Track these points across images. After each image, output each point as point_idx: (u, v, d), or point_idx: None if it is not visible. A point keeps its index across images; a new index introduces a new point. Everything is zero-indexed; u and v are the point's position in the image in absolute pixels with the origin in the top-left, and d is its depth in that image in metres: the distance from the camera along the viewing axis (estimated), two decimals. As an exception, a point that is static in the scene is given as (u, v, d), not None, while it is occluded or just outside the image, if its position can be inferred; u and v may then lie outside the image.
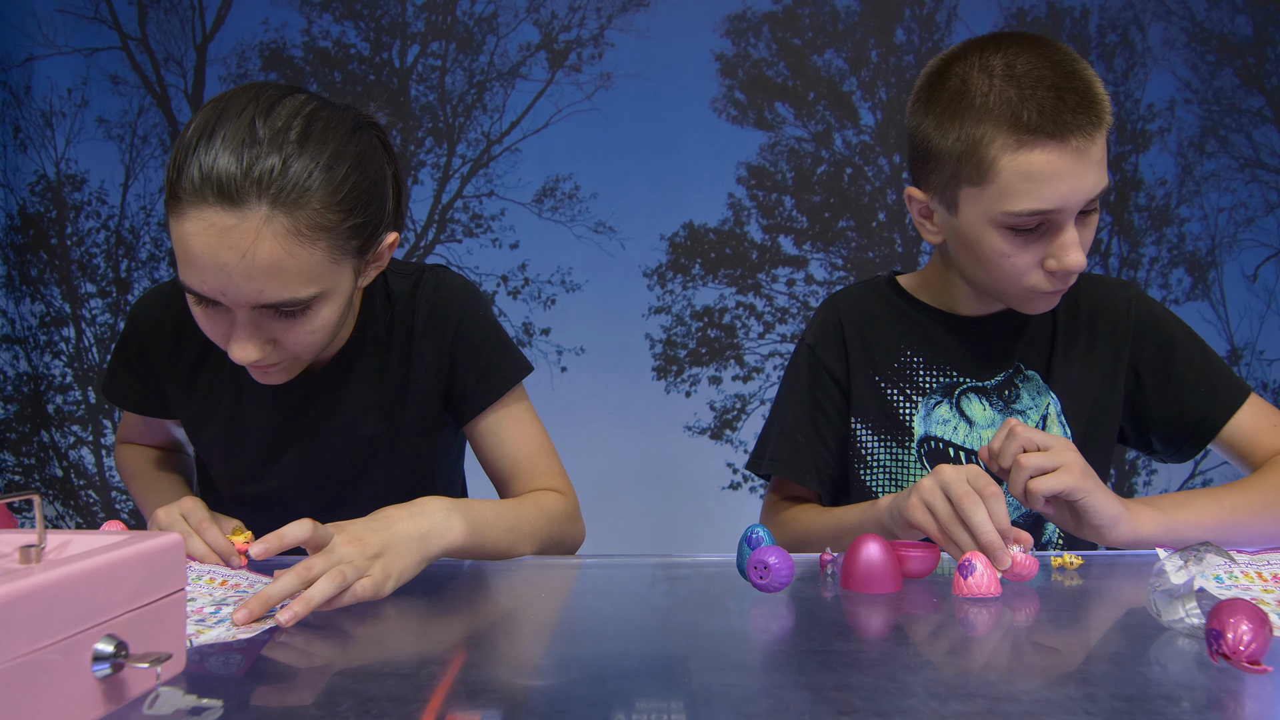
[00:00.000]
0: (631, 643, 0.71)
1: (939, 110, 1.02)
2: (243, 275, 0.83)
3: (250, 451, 1.11)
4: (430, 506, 0.87)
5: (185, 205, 0.82)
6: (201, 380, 1.10)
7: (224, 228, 0.82)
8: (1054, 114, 0.94)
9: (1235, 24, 2.42)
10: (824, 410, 1.17)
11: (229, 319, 0.89)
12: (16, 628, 0.45)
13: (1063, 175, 0.95)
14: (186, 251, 0.84)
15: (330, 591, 0.74)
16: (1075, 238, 0.99)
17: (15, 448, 2.48)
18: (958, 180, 1.02)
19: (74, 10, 2.41)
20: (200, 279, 0.84)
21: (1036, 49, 0.98)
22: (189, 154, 0.82)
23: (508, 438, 1.10)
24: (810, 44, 2.43)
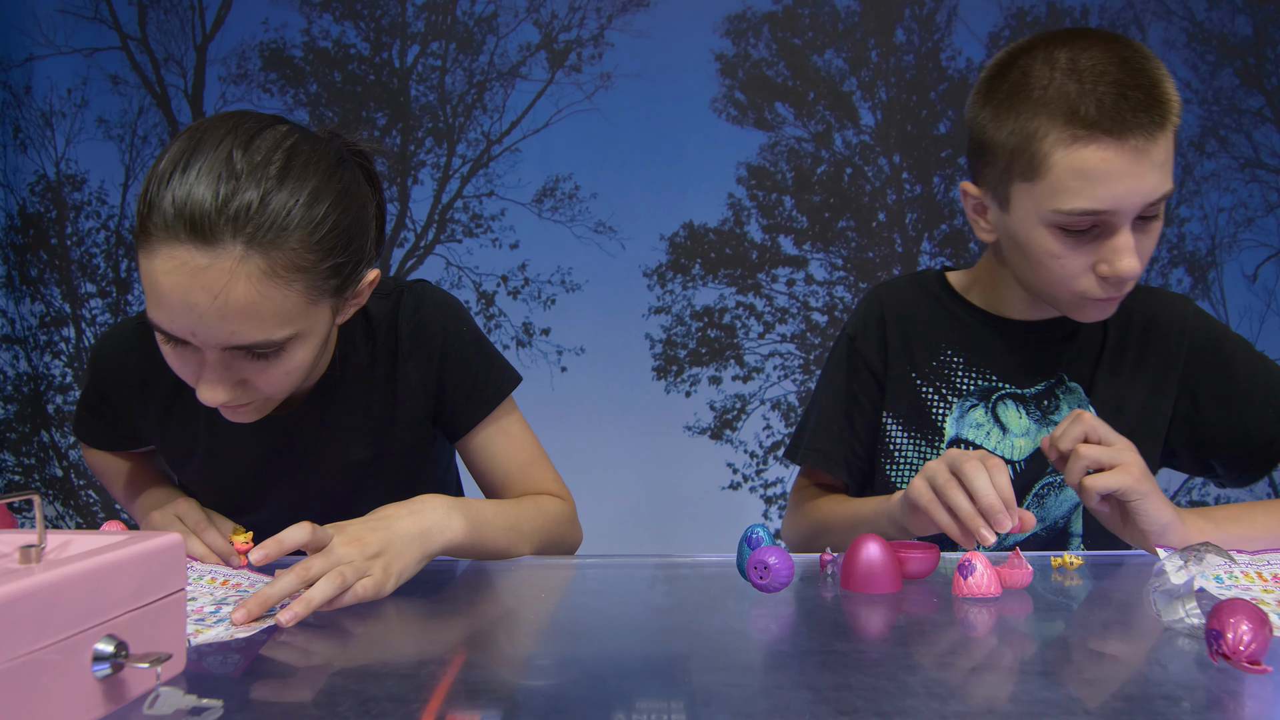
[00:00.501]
0: (631, 643, 0.71)
1: (997, 102, 0.99)
2: (215, 317, 0.79)
3: (233, 486, 1.07)
4: (429, 504, 0.87)
5: (156, 242, 0.77)
6: (175, 418, 1.05)
7: (196, 268, 0.77)
8: (1113, 110, 0.91)
9: (1235, 24, 2.42)
10: (859, 402, 1.16)
11: (198, 359, 0.84)
12: (16, 628, 0.45)
13: (1118, 175, 0.92)
14: (156, 290, 0.79)
15: (330, 592, 0.74)
16: (1130, 242, 0.95)
17: (15, 448, 2.48)
18: (1010, 175, 0.98)
19: (74, 10, 2.41)
20: (170, 319, 0.80)
21: (1106, 44, 0.94)
22: (162, 186, 0.77)
23: (498, 452, 1.08)
24: (810, 44, 2.43)
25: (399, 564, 0.81)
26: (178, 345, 0.84)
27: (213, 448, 1.04)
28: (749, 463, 2.44)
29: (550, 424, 1.16)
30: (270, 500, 1.07)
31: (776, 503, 2.44)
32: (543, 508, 1.04)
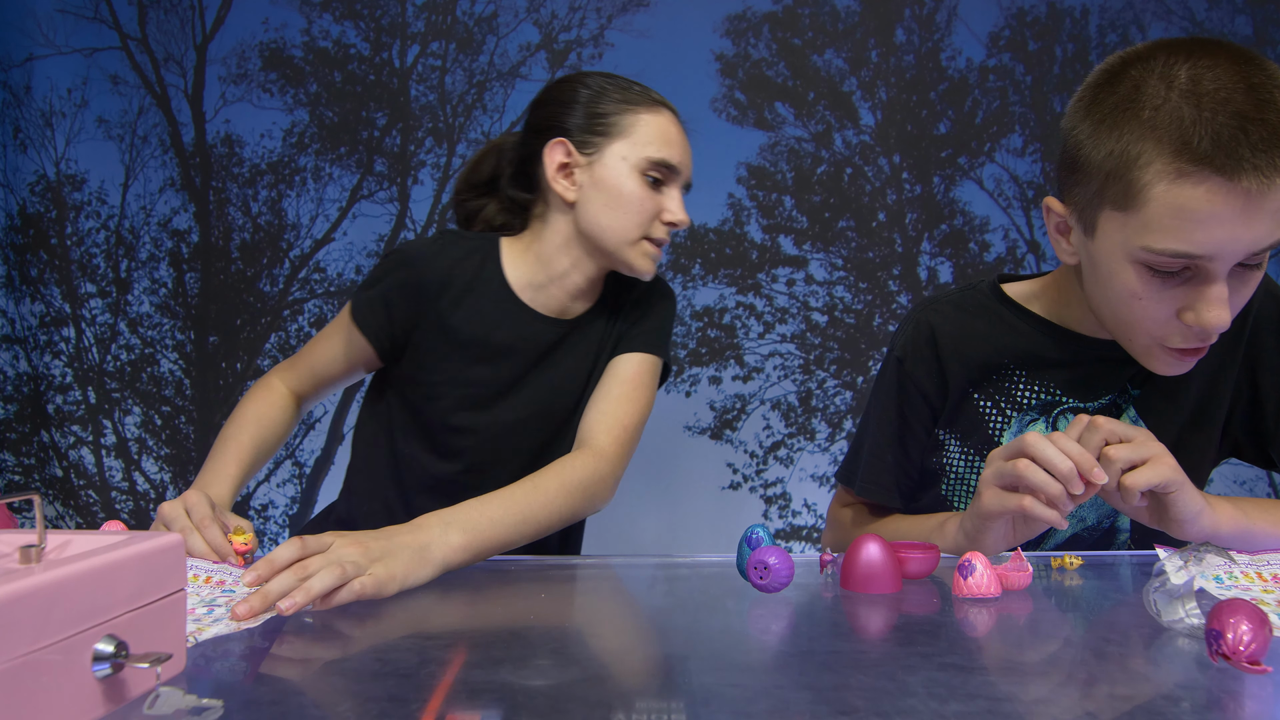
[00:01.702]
0: (631, 643, 0.71)
1: (1099, 115, 0.88)
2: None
3: (491, 383, 1.20)
4: (428, 522, 0.89)
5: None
6: (466, 307, 1.19)
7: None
8: (1230, 145, 0.79)
9: (1235, 24, 2.42)
10: (911, 427, 1.13)
11: (667, 191, 1.17)
12: (16, 628, 0.45)
13: (1223, 219, 0.81)
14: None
15: (331, 582, 0.75)
16: (1223, 294, 0.85)
17: (15, 448, 2.48)
18: (1101, 200, 0.88)
19: (74, 10, 2.41)
20: (672, 153, 1.17)
21: (1235, 65, 0.82)
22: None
23: (614, 388, 1.18)
24: (810, 44, 2.43)
25: (401, 569, 0.81)
26: (653, 184, 1.16)
27: (490, 339, 1.19)
28: (749, 463, 2.44)
29: (550, 424, 1.17)
30: (511, 405, 1.21)
31: (776, 503, 2.44)
32: (568, 484, 1.04)
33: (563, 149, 1.17)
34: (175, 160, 2.44)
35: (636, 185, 1.15)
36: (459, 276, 1.19)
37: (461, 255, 1.20)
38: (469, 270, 1.20)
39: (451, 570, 0.89)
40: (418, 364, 1.22)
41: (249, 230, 2.45)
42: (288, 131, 2.44)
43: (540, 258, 1.21)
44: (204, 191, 2.45)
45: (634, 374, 1.19)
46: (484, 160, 1.30)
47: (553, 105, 1.20)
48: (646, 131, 1.16)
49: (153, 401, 2.45)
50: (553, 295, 1.21)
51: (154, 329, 2.46)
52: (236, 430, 1.19)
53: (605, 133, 1.16)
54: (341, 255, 2.45)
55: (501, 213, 1.28)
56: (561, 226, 1.19)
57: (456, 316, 1.19)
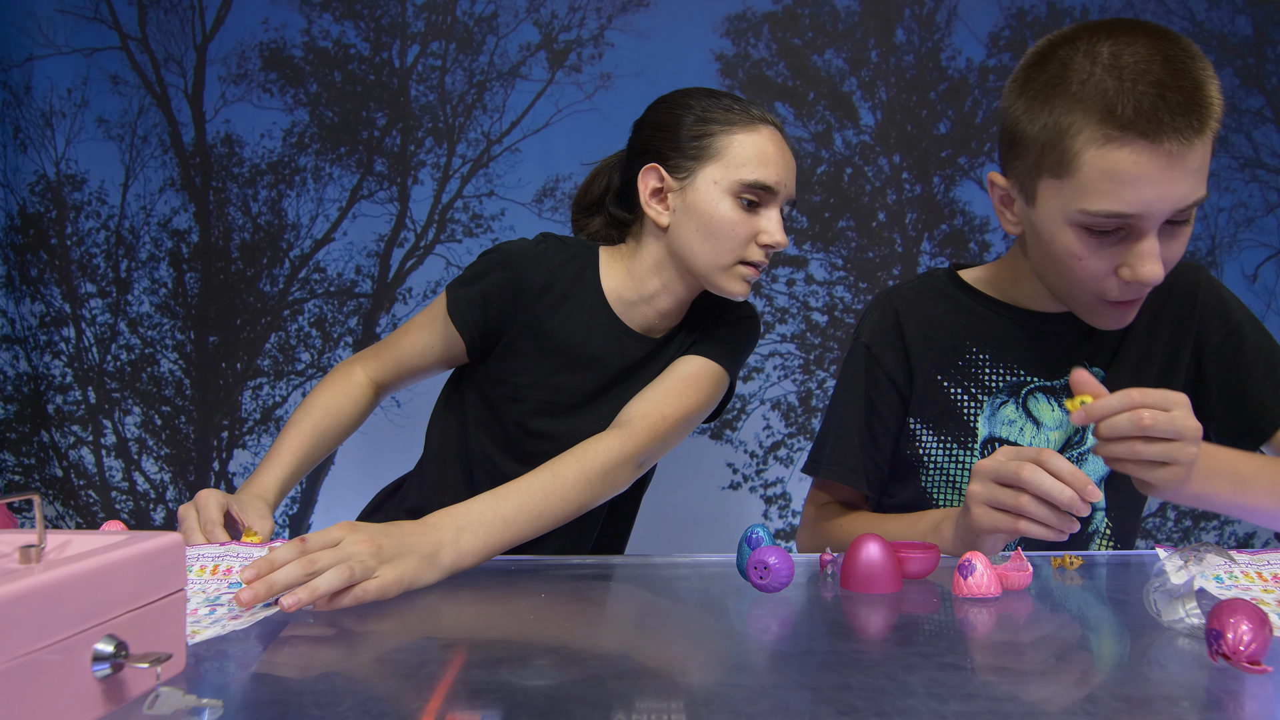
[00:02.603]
0: (631, 643, 0.71)
1: (1032, 93, 0.96)
2: (791, 171, 1.14)
3: (575, 391, 1.21)
4: (442, 524, 0.88)
5: (758, 123, 1.14)
6: (564, 311, 1.19)
7: (779, 138, 1.14)
8: (1151, 111, 0.87)
9: (1235, 24, 2.42)
10: (879, 412, 1.15)
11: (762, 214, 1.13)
12: (16, 628, 0.45)
13: (1149, 179, 0.88)
14: (761, 154, 1.11)
15: (337, 583, 0.74)
16: (1155, 248, 0.92)
17: (15, 448, 2.48)
18: (1039, 170, 0.96)
19: (74, 10, 2.41)
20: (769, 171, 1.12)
21: (1152, 41, 0.90)
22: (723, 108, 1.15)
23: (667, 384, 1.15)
24: (810, 44, 2.43)
25: (408, 573, 0.81)
26: (748, 207, 1.12)
27: (582, 348, 1.20)
28: (749, 463, 2.44)
29: (550, 424, 1.17)
30: (589, 416, 1.20)
31: (776, 503, 2.44)
32: (588, 471, 1.02)
33: (655, 174, 1.16)
34: (175, 160, 2.44)
35: (730, 209, 1.12)
36: (559, 282, 1.19)
37: (563, 261, 1.20)
38: (568, 276, 1.20)
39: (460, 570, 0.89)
40: (505, 364, 1.22)
41: (249, 230, 2.45)
42: (288, 131, 2.44)
43: (634, 275, 1.20)
44: (204, 191, 2.45)
45: (690, 373, 1.17)
46: (595, 180, 1.30)
47: (649, 129, 1.20)
48: (740, 153, 1.12)
49: (153, 401, 2.45)
50: (642, 313, 1.21)
51: (154, 329, 2.46)
52: (302, 417, 1.19)
53: (698, 156, 1.14)
54: (341, 255, 2.45)
55: (606, 228, 1.28)
56: (655, 249, 1.18)
57: (552, 322, 1.19)
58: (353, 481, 2.39)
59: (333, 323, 2.46)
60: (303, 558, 0.75)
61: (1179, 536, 2.43)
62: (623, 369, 1.21)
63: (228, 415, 2.46)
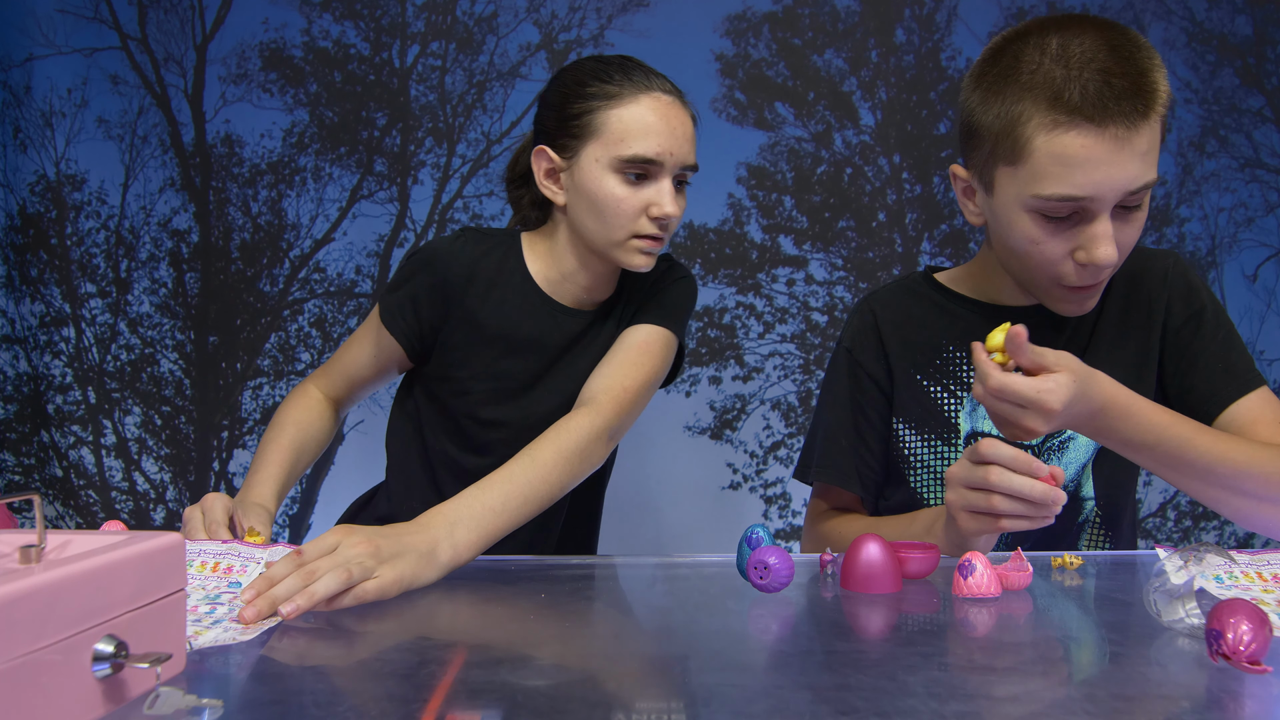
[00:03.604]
0: (631, 643, 0.71)
1: (986, 85, 0.99)
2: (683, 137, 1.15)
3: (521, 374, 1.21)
4: (435, 522, 0.88)
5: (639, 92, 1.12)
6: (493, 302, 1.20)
7: (668, 103, 1.12)
8: (1096, 97, 0.90)
9: (1235, 24, 2.42)
10: (865, 414, 1.16)
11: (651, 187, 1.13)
12: (16, 628, 0.45)
13: (1098, 162, 0.92)
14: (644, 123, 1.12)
15: (335, 586, 0.74)
16: (1108, 230, 0.95)
17: (15, 448, 2.48)
18: (995, 158, 0.99)
19: (74, 10, 2.41)
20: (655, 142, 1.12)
21: (1099, 31, 0.94)
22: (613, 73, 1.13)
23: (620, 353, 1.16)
24: (810, 44, 2.43)
25: (408, 572, 0.81)
26: (634, 181, 1.12)
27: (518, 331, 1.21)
28: (749, 463, 2.44)
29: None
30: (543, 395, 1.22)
31: (776, 503, 2.44)
32: (565, 451, 1.02)
33: (545, 155, 1.17)
34: (175, 160, 2.44)
35: (615, 185, 1.11)
36: (482, 272, 1.21)
37: (484, 251, 1.22)
38: (492, 265, 1.21)
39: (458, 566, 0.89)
40: (446, 361, 1.23)
41: (249, 230, 2.45)
42: (288, 131, 2.44)
43: (553, 254, 1.22)
44: (204, 191, 2.45)
45: (640, 341, 1.18)
46: (519, 157, 1.31)
47: (541, 108, 1.21)
48: (619, 127, 1.10)
49: (153, 401, 2.45)
50: (569, 289, 1.22)
51: (154, 329, 2.46)
52: (276, 434, 1.20)
53: (580, 134, 1.13)
54: (341, 255, 2.45)
55: (533, 205, 1.29)
56: (564, 227, 1.20)
57: (483, 311, 1.21)
58: (352, 481, 2.39)
59: (333, 323, 2.46)
60: (300, 569, 0.75)
61: (1179, 536, 2.43)
62: (564, 345, 1.22)
63: (228, 415, 2.46)
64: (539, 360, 1.22)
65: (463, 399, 1.23)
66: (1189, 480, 0.96)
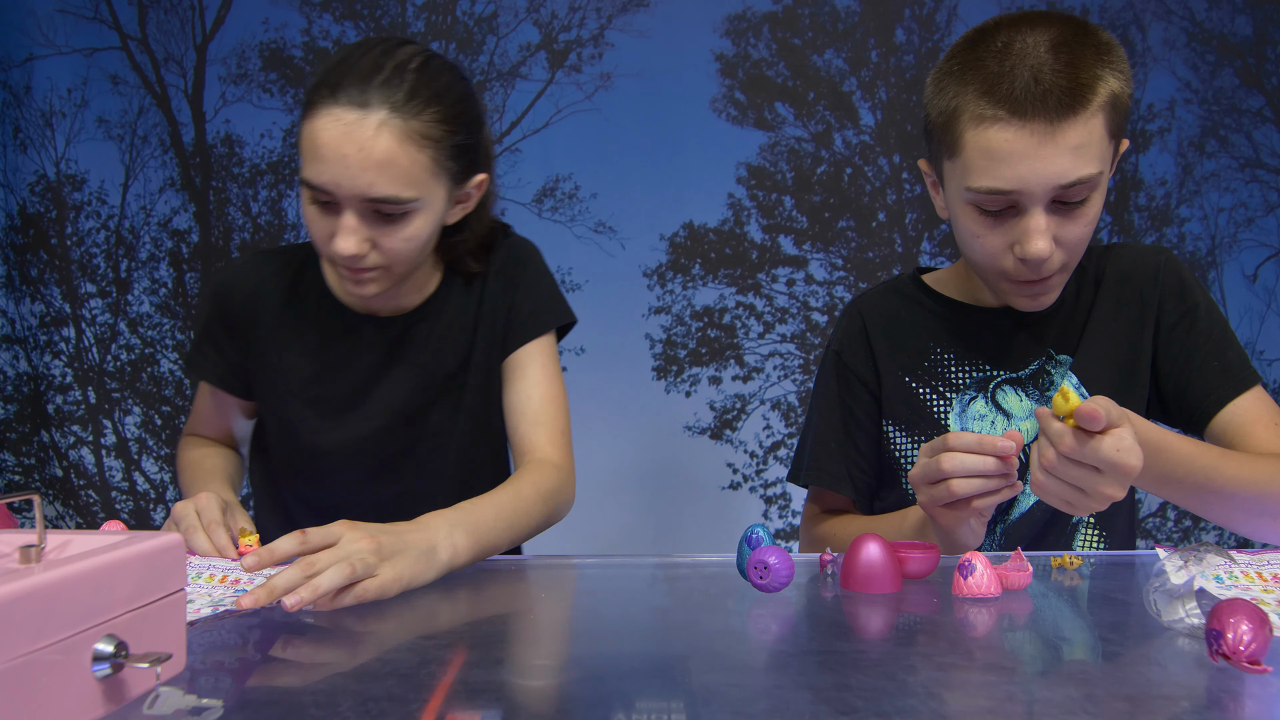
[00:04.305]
0: (631, 643, 0.71)
1: (936, 81, 1.00)
2: (358, 166, 0.95)
3: (336, 396, 1.16)
4: (435, 523, 0.88)
5: (319, 106, 0.96)
6: (285, 331, 1.16)
7: (348, 122, 0.95)
8: (1021, 92, 0.91)
9: (1235, 24, 2.42)
10: (855, 416, 1.16)
11: (337, 217, 0.99)
12: (16, 628, 0.45)
13: (1022, 156, 0.92)
14: (314, 145, 0.96)
15: (338, 580, 0.74)
16: (1040, 224, 0.94)
17: (15, 448, 2.48)
18: (941, 152, 1.01)
19: (74, 10, 2.41)
20: (320, 170, 0.96)
21: (1050, 29, 0.94)
22: (327, 74, 0.97)
23: (528, 379, 1.15)
24: (810, 44, 2.43)
25: (409, 571, 0.81)
26: (321, 206, 1.00)
27: (322, 355, 1.15)
28: (749, 463, 2.44)
29: (550, 424, 1.16)
30: (365, 414, 1.16)
31: (776, 503, 2.44)
32: (542, 491, 1.04)
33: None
34: (175, 160, 2.44)
35: (307, 206, 1.01)
36: (270, 296, 1.15)
37: (271, 273, 1.16)
38: (282, 286, 1.15)
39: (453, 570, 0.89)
40: (263, 393, 1.19)
41: (249, 230, 2.45)
42: (288, 131, 2.44)
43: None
44: (204, 191, 2.45)
45: (540, 368, 1.15)
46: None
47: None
48: (304, 145, 0.99)
49: (153, 401, 2.45)
50: (368, 301, 1.14)
51: (154, 329, 2.46)
52: (193, 468, 1.18)
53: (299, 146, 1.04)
54: (341, 255, 2.46)
55: None
56: None
57: (280, 336, 1.15)
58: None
59: (333, 323, 2.46)
60: (302, 560, 0.75)
61: (1179, 536, 2.43)
62: (378, 358, 1.15)
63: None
64: (353, 378, 1.15)
65: (289, 428, 1.18)
66: (1214, 507, 0.95)
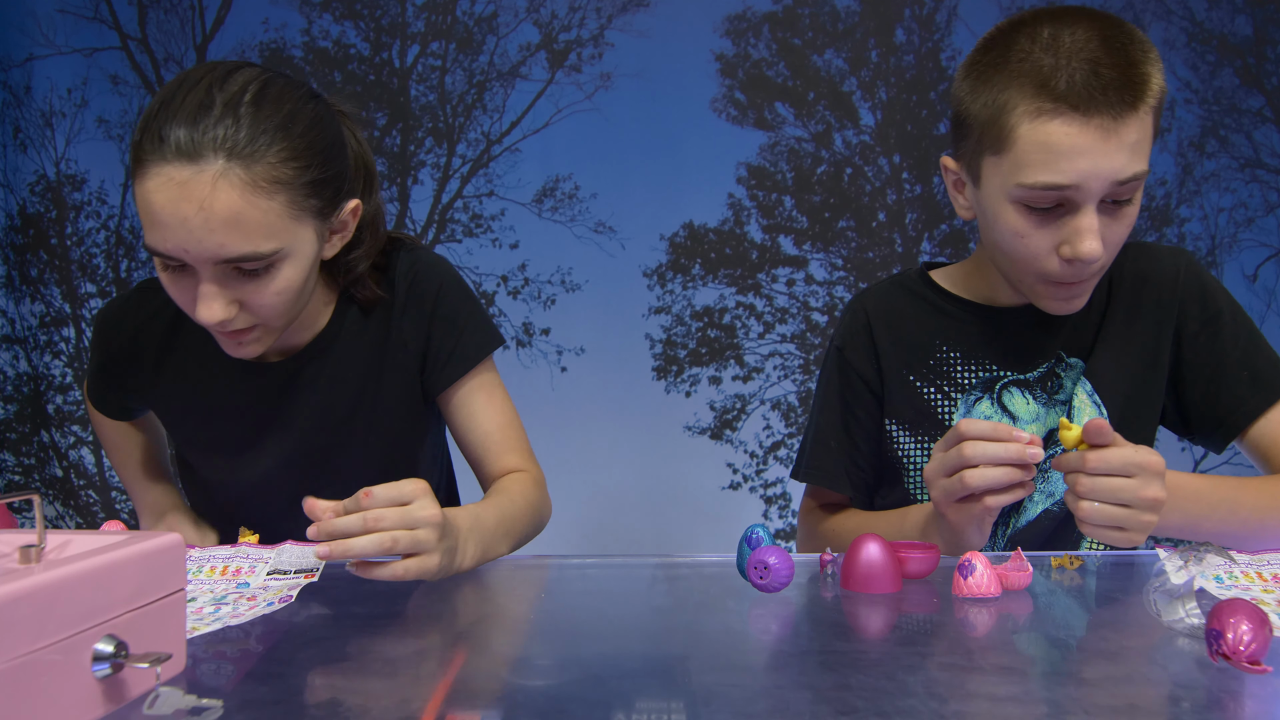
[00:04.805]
0: (631, 643, 0.71)
1: (976, 74, 0.98)
2: (202, 228, 0.84)
3: (227, 438, 1.09)
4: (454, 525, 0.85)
5: (147, 165, 0.84)
6: (170, 371, 1.08)
7: (181, 181, 0.83)
8: (1082, 86, 0.89)
9: (1235, 24, 2.42)
10: (855, 413, 1.15)
11: (194, 281, 0.88)
12: (16, 628, 0.45)
13: (1083, 151, 0.90)
14: (150, 210, 0.84)
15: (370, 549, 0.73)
16: (1093, 223, 0.93)
17: (15, 448, 2.48)
18: (981, 148, 0.98)
19: (74, 10, 2.41)
20: (163, 236, 0.85)
21: (1093, 23, 0.93)
22: (151, 120, 0.85)
23: (479, 410, 1.10)
24: (810, 44, 2.43)
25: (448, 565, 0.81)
26: (175, 271, 0.89)
27: (208, 398, 1.07)
28: (749, 463, 2.44)
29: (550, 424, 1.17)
30: (261, 455, 1.09)
31: (776, 503, 2.44)
32: (530, 502, 1.04)
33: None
34: (175, 160, 2.44)
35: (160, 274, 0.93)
36: (151, 337, 1.08)
37: (153, 312, 1.08)
38: (163, 326, 1.07)
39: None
40: (165, 427, 1.16)
41: (249, 230, 2.45)
42: (288, 131, 2.44)
43: None
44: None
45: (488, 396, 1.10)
46: None
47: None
48: (139, 207, 0.88)
49: (153, 401, 2.46)
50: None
51: (154, 329, 2.46)
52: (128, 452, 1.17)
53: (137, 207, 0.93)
54: (341, 255, 2.46)
55: None
56: None
57: (161, 384, 1.09)
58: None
59: (333, 323, 2.46)
60: (365, 513, 0.74)
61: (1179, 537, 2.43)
62: (268, 400, 1.07)
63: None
64: (243, 421, 1.08)
65: (193, 462, 1.14)
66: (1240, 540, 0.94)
